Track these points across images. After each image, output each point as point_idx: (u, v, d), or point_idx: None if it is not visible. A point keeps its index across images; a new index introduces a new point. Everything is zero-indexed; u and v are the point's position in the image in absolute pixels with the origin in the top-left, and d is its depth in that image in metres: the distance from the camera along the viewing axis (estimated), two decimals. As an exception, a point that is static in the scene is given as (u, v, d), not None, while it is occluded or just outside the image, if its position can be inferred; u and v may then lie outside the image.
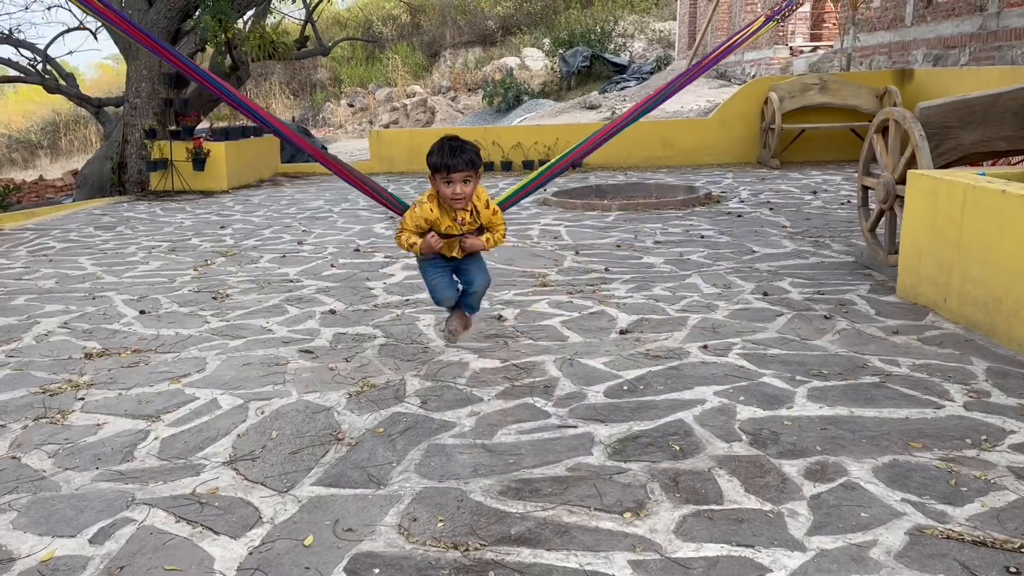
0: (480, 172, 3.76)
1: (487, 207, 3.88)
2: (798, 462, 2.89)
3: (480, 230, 3.92)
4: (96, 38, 18.94)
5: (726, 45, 4.69)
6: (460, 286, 4.10)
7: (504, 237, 3.98)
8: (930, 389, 3.50)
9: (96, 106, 15.61)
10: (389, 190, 4.41)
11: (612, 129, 4.65)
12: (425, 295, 5.44)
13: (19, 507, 2.77)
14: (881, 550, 2.34)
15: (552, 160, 4.52)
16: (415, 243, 3.83)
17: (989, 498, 2.60)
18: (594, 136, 4.59)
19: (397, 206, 4.25)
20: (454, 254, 3.95)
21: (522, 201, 9.91)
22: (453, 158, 3.67)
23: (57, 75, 16.02)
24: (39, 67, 16.31)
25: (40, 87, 16.33)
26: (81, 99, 15.89)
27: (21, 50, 16.51)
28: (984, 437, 3.03)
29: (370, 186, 4.31)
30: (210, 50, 13.47)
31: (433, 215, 3.79)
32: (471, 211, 3.83)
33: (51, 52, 16.55)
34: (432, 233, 3.80)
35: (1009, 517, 2.49)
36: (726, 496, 2.68)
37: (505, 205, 4.19)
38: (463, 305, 4.12)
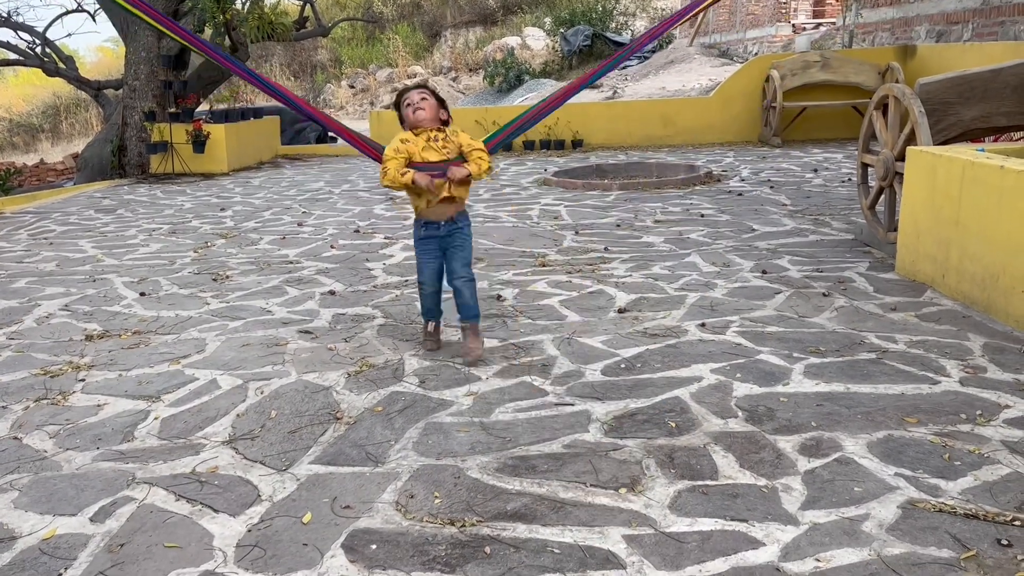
0: (435, 96, 3.78)
1: (461, 134, 3.82)
2: (793, 438, 2.91)
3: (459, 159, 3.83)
4: (95, 20, 18.85)
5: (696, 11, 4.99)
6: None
7: (490, 167, 3.78)
8: (926, 365, 3.51)
9: (95, 89, 15.54)
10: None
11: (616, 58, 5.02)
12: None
13: (20, 487, 2.80)
14: (873, 523, 2.36)
15: (546, 96, 4.59)
16: (406, 171, 3.67)
17: (982, 472, 2.62)
18: (589, 73, 4.82)
19: (377, 149, 4.35)
20: (445, 194, 3.75)
21: (519, 174, 9.85)
22: (406, 90, 3.83)
23: (56, 58, 15.93)
24: (38, 50, 16.24)
25: (40, 70, 16.26)
26: (80, 82, 15.82)
27: (20, 33, 16.43)
28: (979, 412, 3.04)
29: (353, 132, 4.63)
30: (208, 31, 13.40)
31: (409, 142, 3.73)
32: (444, 137, 3.76)
33: (50, 35, 16.45)
34: (428, 174, 3.70)
35: (1002, 490, 2.51)
36: (721, 472, 2.70)
37: (490, 144, 4.17)
38: (461, 314, 3.92)
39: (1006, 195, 3.92)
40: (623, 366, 3.66)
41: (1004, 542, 2.25)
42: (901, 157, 5.07)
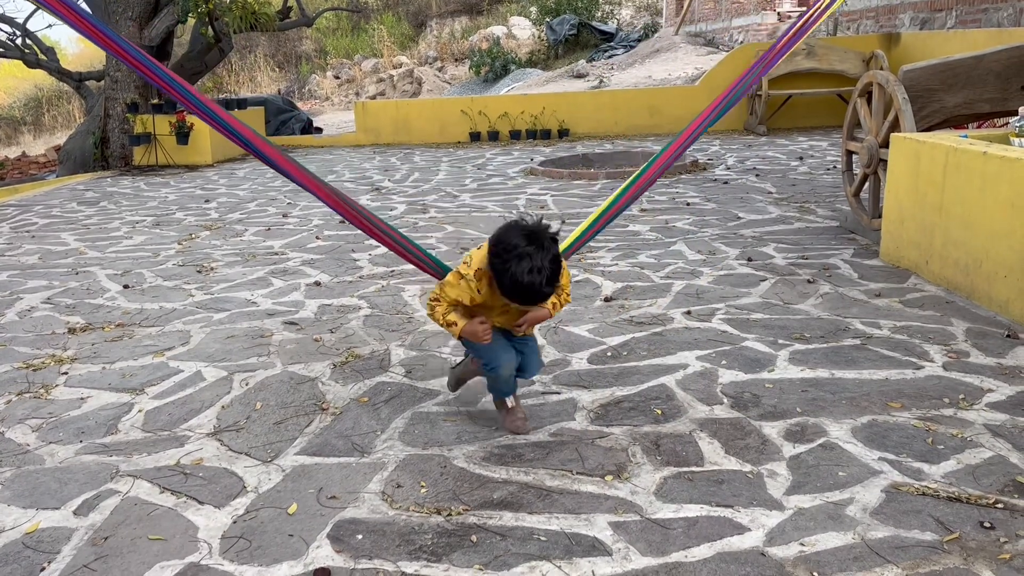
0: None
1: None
2: (778, 424, 2.92)
3: None
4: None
5: (797, 27, 3.42)
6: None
7: (570, 297, 2.97)
8: (910, 350, 3.53)
9: (77, 80, 15.38)
10: (419, 245, 3.23)
11: (683, 143, 3.38)
12: (410, 266, 5.42)
13: (3, 481, 2.77)
14: (857, 507, 2.38)
15: (618, 192, 3.33)
16: (455, 324, 2.82)
17: (965, 455, 2.64)
18: (663, 155, 3.31)
19: (436, 270, 3.19)
20: (506, 326, 2.97)
21: (505, 164, 9.84)
22: (533, 296, 2.63)
23: (37, 49, 15.74)
24: (18, 41, 16.04)
25: (20, 62, 16.07)
26: (62, 73, 15.65)
27: (0, 25, 16.23)
28: (962, 396, 3.06)
29: (395, 240, 3.13)
30: (192, 22, 13.28)
31: (482, 298, 2.79)
32: None
33: (30, 25, 16.24)
34: (481, 318, 2.84)
35: (984, 473, 2.53)
36: (707, 458, 2.71)
37: (569, 252, 3.26)
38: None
39: (989, 181, 3.94)
40: (609, 354, 3.66)
41: (987, 524, 2.26)
42: (885, 144, 5.08)
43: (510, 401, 3.05)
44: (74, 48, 37.10)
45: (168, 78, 2.81)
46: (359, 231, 3.54)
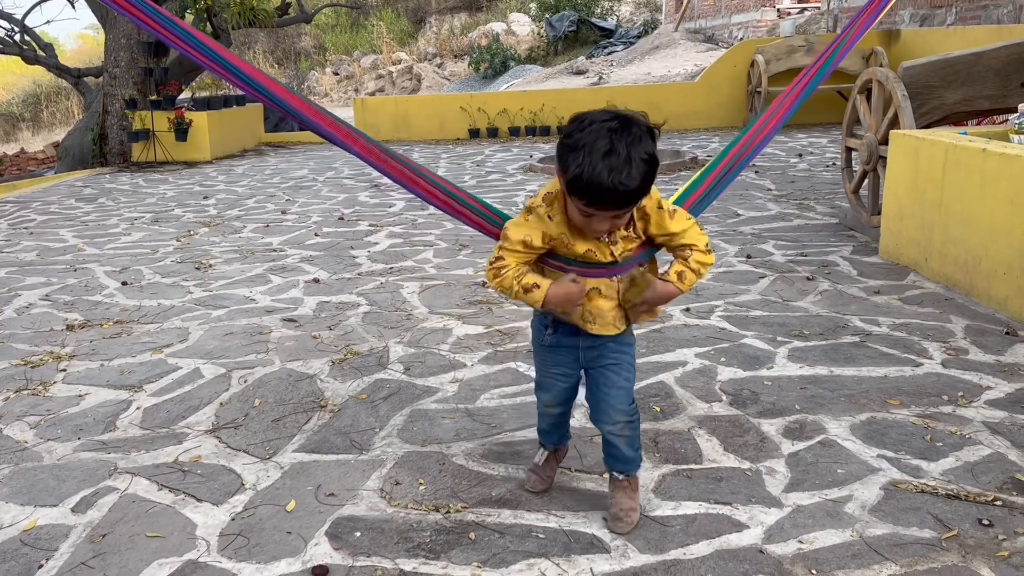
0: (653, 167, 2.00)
1: (659, 207, 2.12)
2: (777, 421, 2.92)
3: (646, 247, 2.19)
4: (74, 7, 18.57)
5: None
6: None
7: (709, 256, 2.18)
8: (909, 347, 3.53)
9: (75, 76, 15.35)
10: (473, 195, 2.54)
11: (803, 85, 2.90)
12: (410, 262, 5.44)
13: (1, 478, 2.77)
14: (856, 505, 2.38)
15: (739, 134, 2.85)
16: (535, 286, 2.10)
17: (964, 453, 2.64)
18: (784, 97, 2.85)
19: (495, 222, 2.44)
20: (592, 312, 2.18)
21: (505, 160, 9.81)
22: (611, 193, 1.89)
23: (36, 46, 15.70)
24: (17, 38, 16.00)
25: (19, 58, 16.04)
26: (60, 70, 15.62)
27: (-2, 20, 16.19)
28: (960, 393, 3.06)
29: (445, 191, 2.51)
30: (190, 18, 13.26)
31: (555, 228, 2.09)
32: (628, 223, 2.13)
33: (29, 22, 16.20)
34: (573, 276, 2.12)
35: (983, 471, 2.53)
36: (705, 455, 2.71)
37: (687, 203, 2.58)
38: (612, 467, 2.37)
39: (988, 178, 3.93)
40: (608, 351, 3.66)
41: (985, 522, 2.26)
42: (885, 141, 5.07)
43: (539, 456, 2.56)
44: (72, 44, 37.05)
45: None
46: (361, 224, 3.52)
